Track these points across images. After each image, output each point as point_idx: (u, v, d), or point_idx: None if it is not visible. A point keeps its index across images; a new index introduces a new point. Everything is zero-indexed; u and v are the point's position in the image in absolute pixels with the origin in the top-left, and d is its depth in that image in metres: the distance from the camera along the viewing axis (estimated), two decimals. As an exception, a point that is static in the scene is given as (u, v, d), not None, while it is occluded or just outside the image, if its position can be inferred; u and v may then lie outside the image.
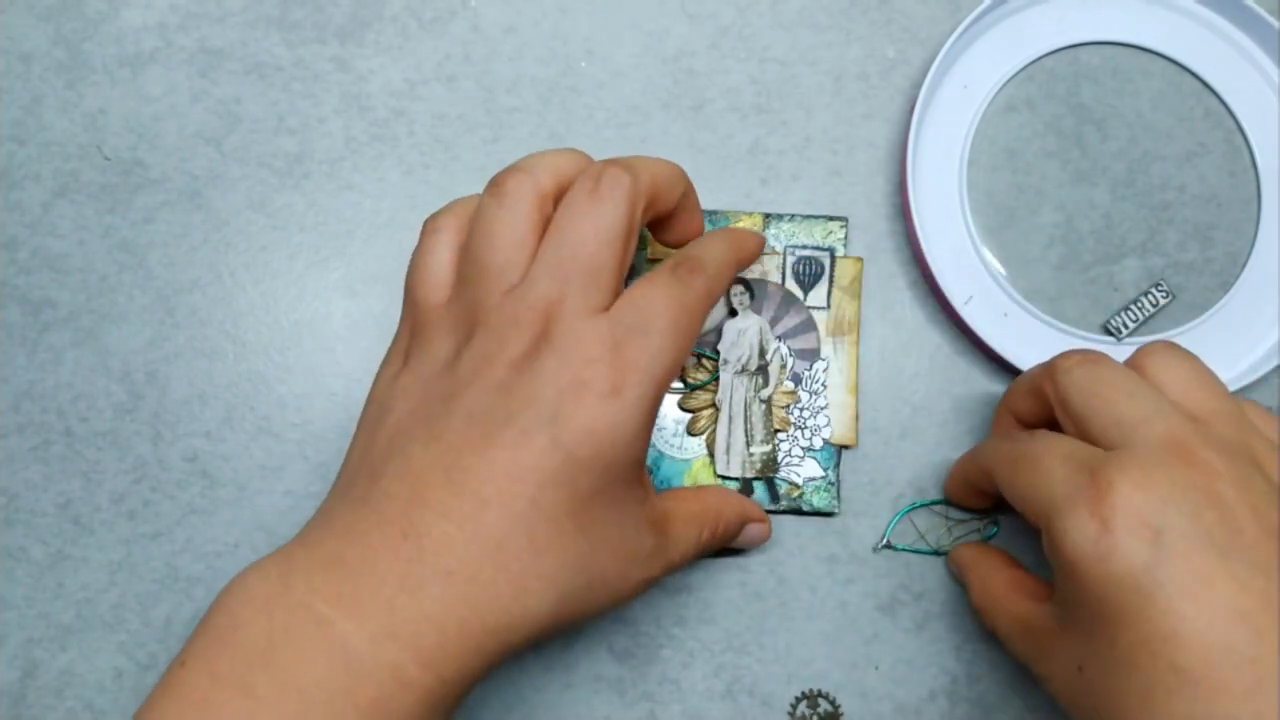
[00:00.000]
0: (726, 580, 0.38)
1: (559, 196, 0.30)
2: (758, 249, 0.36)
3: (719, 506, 0.34)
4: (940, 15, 0.40)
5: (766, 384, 0.38)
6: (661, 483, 0.38)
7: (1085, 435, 0.29)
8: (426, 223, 0.32)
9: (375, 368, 0.39)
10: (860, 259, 0.39)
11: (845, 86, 0.40)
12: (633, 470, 0.28)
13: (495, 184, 0.30)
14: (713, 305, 0.31)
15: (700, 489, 0.35)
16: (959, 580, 0.37)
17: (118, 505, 0.38)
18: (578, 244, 0.29)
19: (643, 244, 0.38)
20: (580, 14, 0.40)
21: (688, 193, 0.33)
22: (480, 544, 0.26)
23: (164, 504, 0.38)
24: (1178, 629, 0.25)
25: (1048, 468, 0.28)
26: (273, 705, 0.24)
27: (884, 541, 0.38)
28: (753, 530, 0.36)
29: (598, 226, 0.29)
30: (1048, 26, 0.40)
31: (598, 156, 0.39)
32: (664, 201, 0.31)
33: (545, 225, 0.30)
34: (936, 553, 0.38)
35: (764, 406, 0.38)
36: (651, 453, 0.38)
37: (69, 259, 0.39)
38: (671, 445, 0.38)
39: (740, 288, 0.38)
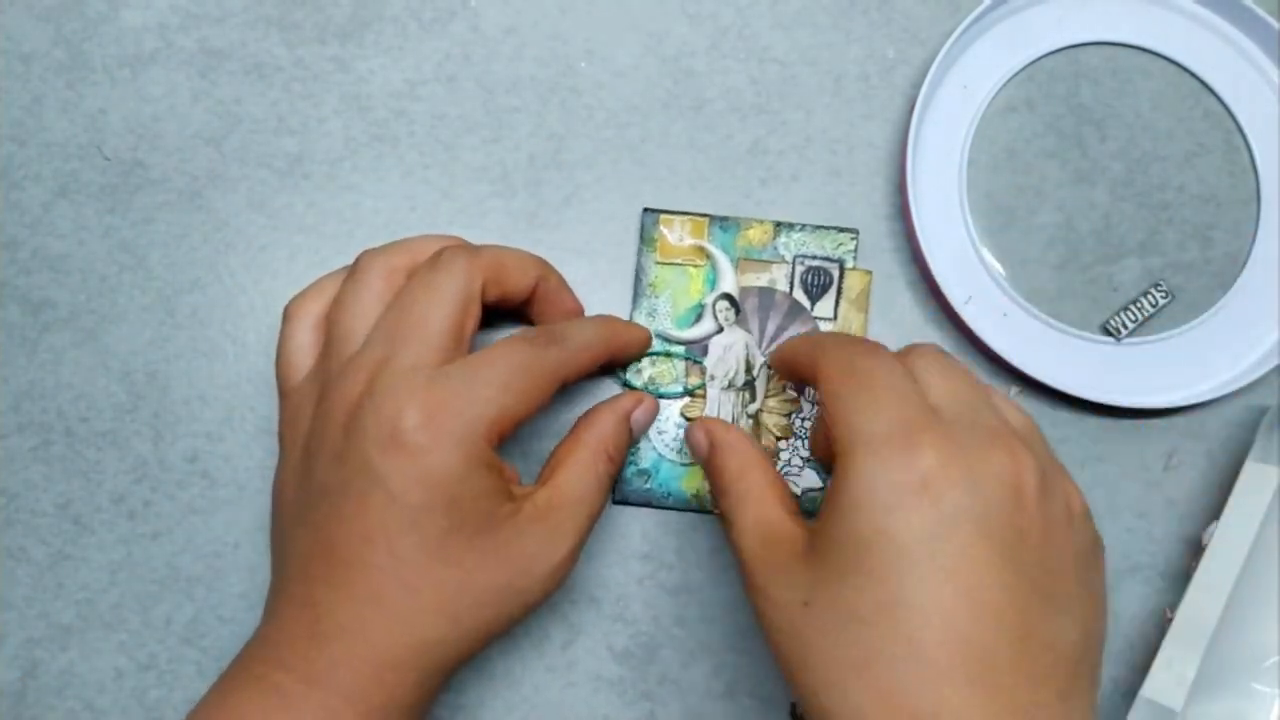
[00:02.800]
0: (726, 580, 0.38)
1: (413, 274, 0.33)
2: (637, 342, 0.37)
3: (596, 433, 0.34)
4: (940, 15, 0.40)
5: (754, 399, 0.38)
6: (660, 487, 0.38)
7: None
8: (286, 307, 0.34)
9: (375, 368, 0.39)
10: (869, 272, 0.39)
11: (845, 86, 0.40)
12: (485, 500, 0.30)
13: (353, 263, 0.34)
14: (565, 376, 0.32)
15: (573, 430, 0.34)
16: (702, 457, 0.33)
17: (118, 505, 0.38)
18: (409, 308, 0.31)
19: (652, 246, 0.38)
20: (580, 14, 0.40)
21: (546, 277, 0.35)
22: (360, 600, 0.29)
23: (164, 504, 0.38)
24: (929, 606, 0.25)
25: (881, 397, 0.27)
26: None
27: None
28: (640, 416, 0.35)
29: (429, 291, 0.31)
30: (1048, 26, 0.40)
31: (598, 157, 0.39)
32: (512, 282, 0.34)
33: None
34: None
35: (751, 422, 0.38)
36: (651, 456, 0.38)
37: (69, 259, 0.39)
38: (671, 449, 0.38)
39: (725, 303, 0.38)
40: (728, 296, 0.38)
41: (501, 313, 0.36)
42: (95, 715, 0.38)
